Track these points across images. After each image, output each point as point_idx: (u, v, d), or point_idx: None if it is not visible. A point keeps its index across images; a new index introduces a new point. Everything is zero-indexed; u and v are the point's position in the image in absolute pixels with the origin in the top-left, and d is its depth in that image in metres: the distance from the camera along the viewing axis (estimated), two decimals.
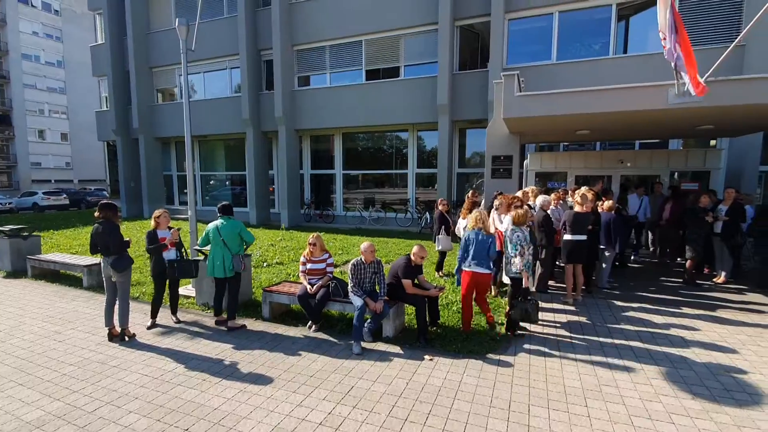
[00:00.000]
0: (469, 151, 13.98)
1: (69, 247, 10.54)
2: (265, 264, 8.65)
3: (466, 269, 4.91)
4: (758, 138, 9.47)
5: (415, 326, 4.82)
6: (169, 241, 5.25)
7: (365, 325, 4.73)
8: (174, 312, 5.53)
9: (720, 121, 7.02)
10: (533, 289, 5.84)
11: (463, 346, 4.56)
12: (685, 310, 5.80)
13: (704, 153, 9.28)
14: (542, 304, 6.02)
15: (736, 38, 6.60)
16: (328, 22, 14.26)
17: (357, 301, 4.68)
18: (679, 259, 8.44)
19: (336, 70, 14.75)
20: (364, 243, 4.90)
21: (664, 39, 5.02)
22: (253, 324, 5.36)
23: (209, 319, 5.53)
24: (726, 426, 3.17)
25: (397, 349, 4.54)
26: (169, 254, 5.29)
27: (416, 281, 5.01)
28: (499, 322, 5.21)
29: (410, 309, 5.26)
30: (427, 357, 4.33)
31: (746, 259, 7.53)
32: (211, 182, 18.70)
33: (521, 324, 4.99)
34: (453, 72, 12.74)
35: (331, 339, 4.85)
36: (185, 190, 15.36)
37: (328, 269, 5.26)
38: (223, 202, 5.39)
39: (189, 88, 15.86)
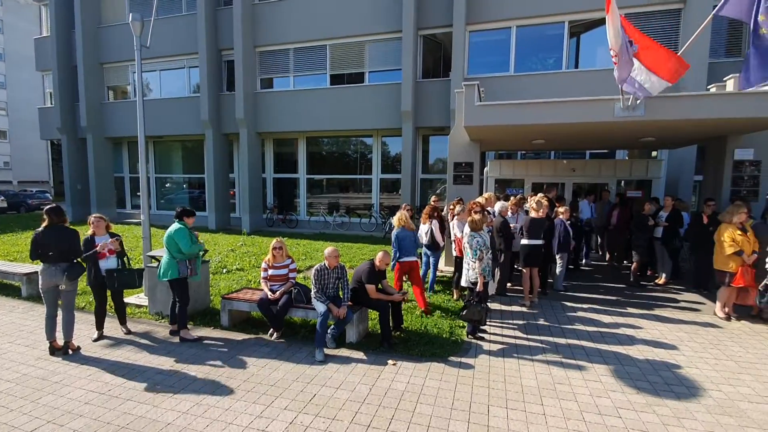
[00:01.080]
0: (432, 157, 14.25)
1: (6, 254, 9.72)
2: (224, 270, 8.37)
3: (399, 261, 6.02)
4: (693, 150, 10.31)
5: (379, 331, 4.84)
6: (102, 248, 4.82)
7: (328, 331, 4.69)
8: (123, 323, 5.22)
9: (659, 134, 7.59)
10: (493, 292, 6.03)
11: (426, 350, 4.62)
12: (630, 309, 6.19)
13: (647, 163, 9.99)
14: (501, 307, 6.25)
15: None
16: (293, 25, 14.13)
17: (320, 307, 4.64)
18: (625, 261, 9.01)
19: (300, 74, 14.62)
20: (328, 248, 4.87)
21: (615, 56, 5.37)
22: (211, 333, 5.17)
23: (163, 329, 5.28)
24: (667, 418, 3.41)
25: (360, 355, 4.53)
26: (108, 263, 4.93)
27: (380, 286, 5.04)
28: (460, 325, 5.32)
29: (374, 314, 5.27)
30: (390, 362, 4.35)
31: (683, 261, 8.14)
32: (167, 185, 17.89)
33: (481, 326, 5.13)
34: (417, 80, 12.98)
35: (293, 346, 4.77)
36: (138, 193, 14.61)
37: (291, 275, 5.18)
38: (183, 207, 5.20)
39: (143, 87, 15.14)
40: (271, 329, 5.03)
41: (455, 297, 6.53)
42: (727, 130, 7.07)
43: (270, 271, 5.11)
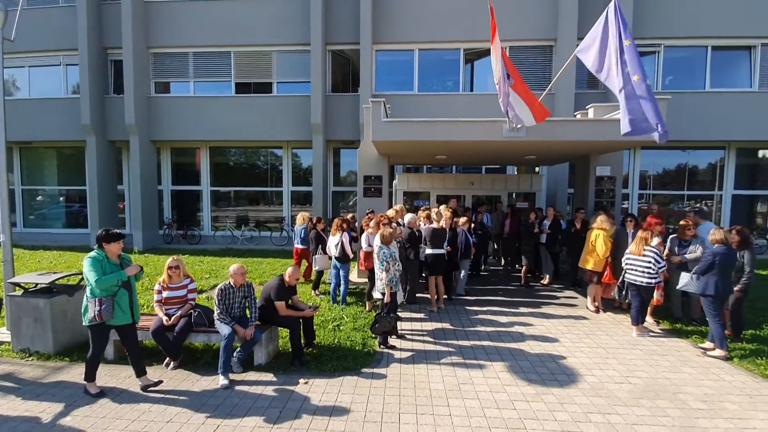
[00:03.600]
0: (344, 170, 14.38)
1: None
2: None
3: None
4: (566, 167, 11.98)
5: (290, 350, 4.69)
6: None
7: (234, 354, 4.41)
8: None
9: (539, 152, 8.70)
10: (402, 300, 6.25)
11: (339, 364, 4.60)
12: (522, 309, 6.90)
13: (531, 178, 11.35)
14: (411, 315, 6.50)
15: (547, 87, 8.39)
16: (193, 28, 13.26)
17: (224, 329, 4.35)
18: (517, 265, 10.03)
19: (201, 80, 13.73)
20: (234, 265, 4.61)
21: (498, 84, 6.05)
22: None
23: (31, 369, 4.47)
24: (553, 404, 3.85)
25: (270, 377, 4.34)
26: None
27: (290, 302, 4.91)
28: (373, 336, 5.41)
29: (284, 332, 5.10)
30: (302, 380, 4.24)
31: (563, 263, 9.34)
32: (38, 198, 15.28)
33: (392, 336, 5.29)
34: (326, 93, 13.06)
35: (194, 375, 4.39)
36: None
37: (190, 296, 4.78)
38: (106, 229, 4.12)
39: (6, 84, 12.82)
40: (168, 359, 4.57)
41: (368, 308, 6.62)
42: (589, 150, 8.37)
43: (165, 293, 4.66)
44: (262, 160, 14.64)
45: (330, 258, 7.23)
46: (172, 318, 4.54)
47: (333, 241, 6.98)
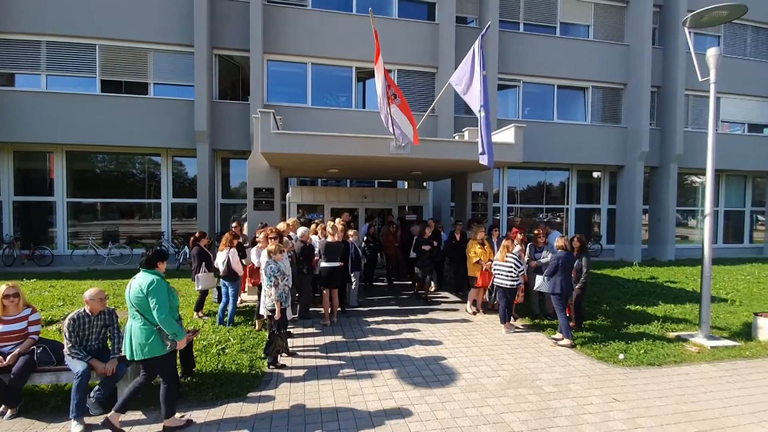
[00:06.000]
0: (235, 181, 13.59)
1: None
2: None
3: None
4: (448, 182, 13.15)
5: None
6: None
7: (91, 394, 3.81)
8: None
9: (423, 168, 9.42)
10: (294, 316, 6.12)
11: (222, 391, 4.30)
12: (411, 316, 7.31)
13: (418, 192, 12.19)
14: (304, 330, 6.40)
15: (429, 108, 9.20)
16: (46, 12, 11.33)
17: (77, 366, 3.73)
18: (409, 275, 10.57)
19: (56, 73, 11.76)
20: (90, 290, 4.00)
21: (380, 103, 6.44)
22: None
23: None
24: (435, 404, 4.14)
25: (138, 415, 3.84)
26: None
27: None
28: (262, 356, 5.19)
29: None
30: (176, 416, 3.85)
31: (446, 271, 10.15)
32: None
33: (283, 354, 5.14)
34: (213, 99, 12.27)
35: (39, 423, 3.68)
36: None
37: (31, 329, 4.00)
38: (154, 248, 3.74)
39: None
40: (2, 406, 3.75)
41: (257, 327, 6.32)
42: (465, 168, 9.34)
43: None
44: (138, 168, 13.03)
45: (216, 276, 6.75)
46: (8, 357, 3.75)
47: (220, 258, 6.54)
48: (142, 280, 3.48)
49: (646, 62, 14.36)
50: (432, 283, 9.03)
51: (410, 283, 9.86)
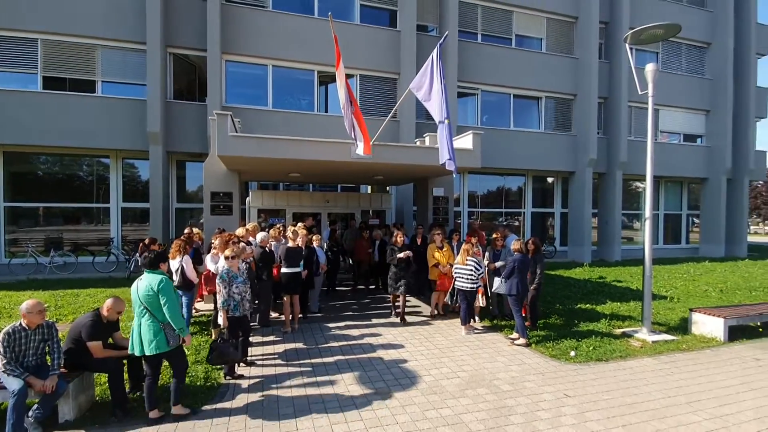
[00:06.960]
0: (192, 185, 13.04)
1: None
2: None
3: None
4: (410, 187, 13.31)
5: (111, 398, 3.98)
6: None
7: (29, 413, 3.51)
8: None
9: (384, 173, 9.48)
10: (253, 324, 5.96)
11: None
12: (374, 320, 7.31)
13: (381, 196, 12.25)
14: (263, 338, 6.23)
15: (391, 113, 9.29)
16: None
17: (12, 384, 3.44)
18: (370, 279, 10.57)
19: None
20: (27, 301, 3.70)
21: (343, 108, 6.44)
22: None
23: None
24: (396, 408, 4.15)
25: None
26: None
27: (111, 341, 4.19)
28: (218, 367, 5.00)
29: (104, 377, 4.31)
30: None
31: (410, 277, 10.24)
32: None
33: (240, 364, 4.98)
34: (167, 99, 11.76)
35: None
36: None
37: None
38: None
39: None
40: None
41: (214, 337, 6.08)
42: (426, 173, 9.51)
43: None
44: (86, 170, 12.23)
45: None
46: None
47: (173, 266, 6.25)
48: (150, 279, 3.81)
49: (594, 75, 15.28)
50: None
51: (373, 287, 9.87)
